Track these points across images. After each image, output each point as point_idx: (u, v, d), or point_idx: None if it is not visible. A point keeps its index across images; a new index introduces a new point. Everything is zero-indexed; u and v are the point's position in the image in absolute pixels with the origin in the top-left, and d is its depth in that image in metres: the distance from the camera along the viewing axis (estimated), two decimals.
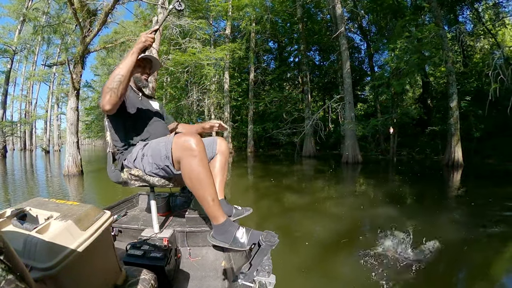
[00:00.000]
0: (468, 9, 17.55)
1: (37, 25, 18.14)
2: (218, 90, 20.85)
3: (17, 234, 0.80)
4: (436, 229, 3.96)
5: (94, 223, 0.95)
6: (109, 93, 1.47)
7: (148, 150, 1.61)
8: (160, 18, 11.09)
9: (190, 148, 1.37)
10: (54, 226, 0.84)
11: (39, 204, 0.99)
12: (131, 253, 1.48)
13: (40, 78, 29.71)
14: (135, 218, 2.34)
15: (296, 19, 19.65)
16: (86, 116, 45.89)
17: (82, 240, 0.86)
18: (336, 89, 21.67)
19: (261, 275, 1.13)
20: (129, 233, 2.10)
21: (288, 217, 4.79)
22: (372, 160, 14.70)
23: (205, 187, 1.36)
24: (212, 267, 1.76)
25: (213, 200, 1.37)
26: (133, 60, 1.56)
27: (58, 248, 0.79)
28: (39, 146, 36.57)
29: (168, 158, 1.47)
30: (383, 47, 19.74)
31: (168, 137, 1.54)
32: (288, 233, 3.95)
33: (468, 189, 7.02)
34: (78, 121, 9.96)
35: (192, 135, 1.40)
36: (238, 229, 1.36)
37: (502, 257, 3.26)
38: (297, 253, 3.30)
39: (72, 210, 0.94)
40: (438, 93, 19.92)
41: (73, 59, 9.63)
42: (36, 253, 0.75)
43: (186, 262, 1.82)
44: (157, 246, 1.55)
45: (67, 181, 8.91)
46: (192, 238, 2.04)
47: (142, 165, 1.63)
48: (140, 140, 1.77)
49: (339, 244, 3.57)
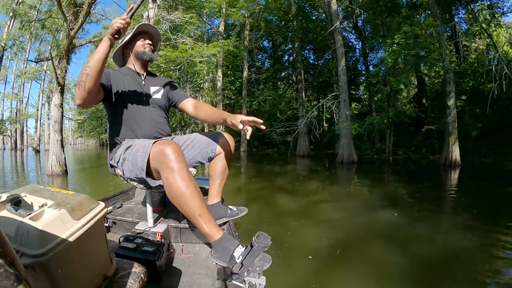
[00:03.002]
0: (463, 9, 17.54)
1: (24, 20, 17.67)
2: (211, 89, 20.54)
3: (10, 219, 0.80)
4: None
5: (88, 214, 0.94)
6: (78, 87, 1.35)
7: (130, 155, 1.50)
8: (150, 13, 10.78)
9: (166, 160, 1.26)
10: (47, 214, 0.84)
11: (34, 191, 0.98)
12: (124, 245, 1.46)
13: (32, 76, 29.07)
14: (130, 210, 2.31)
15: (290, 16, 19.46)
16: (79, 115, 45.55)
17: (74, 229, 0.85)
18: (330, 88, 21.45)
19: (252, 276, 1.13)
20: (123, 225, 2.09)
21: (280, 223, 4.36)
22: (367, 160, 14.49)
23: (188, 202, 1.25)
24: (204, 265, 1.70)
25: (200, 216, 1.27)
26: (103, 48, 1.37)
27: (50, 236, 0.78)
28: (30, 145, 35.94)
29: (143, 171, 1.38)
30: (377, 46, 19.68)
31: (147, 145, 1.39)
32: (280, 242, 3.58)
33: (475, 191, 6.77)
34: (62, 118, 9.54)
35: (169, 144, 1.29)
36: (237, 247, 1.27)
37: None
38: (289, 264, 2.98)
39: (67, 199, 0.93)
40: (433, 92, 19.85)
41: (57, 54, 9.26)
42: (28, 239, 0.75)
43: (178, 258, 1.79)
44: (150, 241, 1.52)
45: (50, 181, 8.55)
46: (186, 234, 2.00)
47: (123, 169, 1.54)
48: (126, 138, 1.66)
49: (336, 256, 3.25)
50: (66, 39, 9.02)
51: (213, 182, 1.82)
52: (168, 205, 2.43)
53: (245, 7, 18.06)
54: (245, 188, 7.66)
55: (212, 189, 1.83)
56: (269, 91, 22.38)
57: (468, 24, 18.32)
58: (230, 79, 22.08)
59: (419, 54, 11.62)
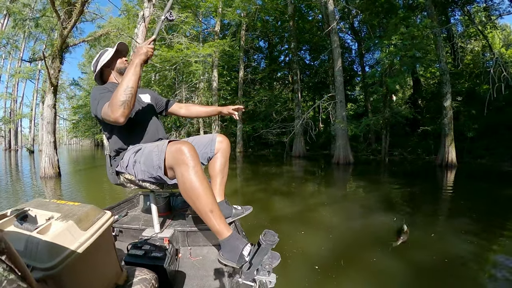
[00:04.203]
0: (459, 11, 17.60)
1: (17, 19, 17.44)
2: (207, 89, 20.41)
3: (18, 234, 0.80)
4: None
5: (95, 224, 0.95)
6: (123, 106, 1.42)
7: (141, 157, 1.58)
8: (146, 12, 10.64)
9: (182, 156, 1.33)
10: (55, 227, 0.84)
11: (40, 204, 0.99)
12: (132, 253, 1.48)
13: (26, 76, 28.71)
14: (136, 218, 2.33)
15: (287, 16, 19.42)
16: (73, 115, 45.17)
17: (83, 240, 0.86)
18: (326, 89, 21.43)
19: (262, 274, 1.14)
20: (130, 233, 2.11)
21: (277, 227, 4.31)
22: (363, 161, 14.45)
23: (201, 197, 1.30)
24: (213, 267, 1.73)
25: (211, 212, 1.31)
26: (138, 71, 1.50)
27: (59, 248, 0.79)
28: (24, 146, 35.56)
29: (160, 169, 1.44)
30: (373, 47, 19.69)
31: (162, 144, 1.48)
32: (278, 250, 3.51)
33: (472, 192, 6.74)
34: (55, 119, 9.38)
35: (184, 143, 1.38)
36: (245, 246, 1.30)
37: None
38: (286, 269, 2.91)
39: (73, 210, 0.94)
40: (428, 93, 19.91)
41: (51, 54, 9.11)
42: (37, 253, 0.75)
43: (187, 261, 1.81)
44: (158, 246, 1.56)
45: (43, 184, 8.41)
46: (193, 237, 2.04)
47: (134, 171, 1.61)
48: (131, 144, 1.75)
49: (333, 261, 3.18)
50: (59, 38, 8.87)
51: (214, 181, 1.86)
52: (174, 209, 2.50)
53: (241, 6, 17.97)
54: (241, 191, 7.57)
55: (214, 188, 1.85)
56: (265, 91, 22.32)
57: (464, 26, 18.43)
58: (226, 79, 21.94)
59: (415, 55, 11.60)
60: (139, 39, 9.96)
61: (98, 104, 1.60)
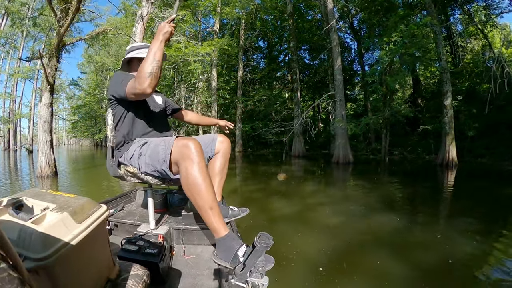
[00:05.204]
0: (459, 10, 17.57)
1: (15, 18, 17.37)
2: (206, 88, 20.34)
3: (12, 223, 0.80)
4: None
5: (90, 217, 0.95)
6: (150, 77, 1.43)
7: (147, 150, 1.61)
8: (144, 11, 10.56)
9: (188, 151, 1.38)
10: (49, 218, 0.84)
11: (36, 194, 0.99)
12: (126, 248, 1.48)
13: (25, 75, 28.56)
14: (132, 213, 2.33)
15: (286, 16, 19.35)
16: (73, 115, 45.06)
17: (76, 232, 0.86)
18: (326, 89, 21.38)
19: (254, 276, 1.13)
20: (125, 228, 2.11)
21: (275, 228, 4.20)
22: (363, 160, 14.37)
23: (202, 194, 1.33)
24: (206, 266, 1.72)
25: (211, 209, 1.33)
26: (162, 48, 1.51)
27: (53, 239, 0.79)
28: (23, 145, 35.44)
29: (165, 162, 1.48)
30: (373, 46, 19.66)
31: (168, 139, 1.54)
32: (276, 252, 3.43)
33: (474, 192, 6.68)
34: (52, 118, 9.31)
35: (191, 139, 1.43)
36: (241, 246, 1.30)
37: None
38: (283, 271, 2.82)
39: (68, 202, 0.94)
40: (428, 92, 19.86)
41: (48, 52, 9.02)
42: (30, 243, 0.75)
43: (180, 259, 1.79)
44: (152, 243, 1.54)
45: (40, 183, 8.33)
46: (188, 235, 2.02)
47: (138, 164, 1.64)
48: (138, 137, 1.78)
49: (334, 263, 3.09)
50: (56, 37, 8.79)
51: (213, 181, 1.83)
52: (170, 206, 2.50)
53: (240, 6, 17.90)
54: (239, 190, 7.50)
55: None
56: (264, 91, 22.24)
57: (463, 25, 18.39)
58: (225, 79, 21.90)
59: (415, 54, 11.54)
60: (137, 38, 9.89)
61: (122, 82, 1.61)
